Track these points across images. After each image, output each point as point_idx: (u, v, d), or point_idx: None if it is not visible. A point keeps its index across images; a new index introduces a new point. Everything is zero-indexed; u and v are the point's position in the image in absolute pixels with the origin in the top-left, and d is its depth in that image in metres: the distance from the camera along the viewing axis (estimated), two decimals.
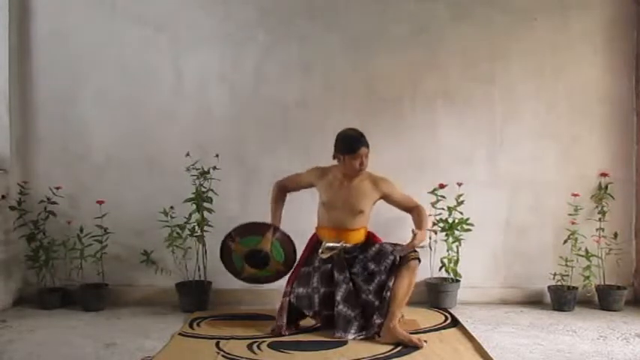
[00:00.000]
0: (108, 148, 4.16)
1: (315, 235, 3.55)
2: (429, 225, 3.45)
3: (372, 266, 3.33)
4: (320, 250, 3.37)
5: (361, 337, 3.19)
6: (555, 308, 3.89)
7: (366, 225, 3.52)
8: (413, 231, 3.25)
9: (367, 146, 3.37)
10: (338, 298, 3.28)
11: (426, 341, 3.11)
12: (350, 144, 3.34)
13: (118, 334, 3.37)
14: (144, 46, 4.15)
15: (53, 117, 4.17)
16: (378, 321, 3.20)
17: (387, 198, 3.47)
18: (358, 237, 3.45)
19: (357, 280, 3.32)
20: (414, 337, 3.10)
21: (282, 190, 3.60)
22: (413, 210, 3.46)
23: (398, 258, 3.26)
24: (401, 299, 3.19)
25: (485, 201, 4.07)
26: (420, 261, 3.31)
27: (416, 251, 3.28)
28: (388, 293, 3.21)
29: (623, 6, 4.11)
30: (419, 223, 3.37)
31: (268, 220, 3.54)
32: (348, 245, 3.39)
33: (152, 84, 4.15)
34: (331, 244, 3.36)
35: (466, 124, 4.13)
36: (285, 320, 3.28)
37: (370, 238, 3.52)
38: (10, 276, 4.02)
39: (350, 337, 3.19)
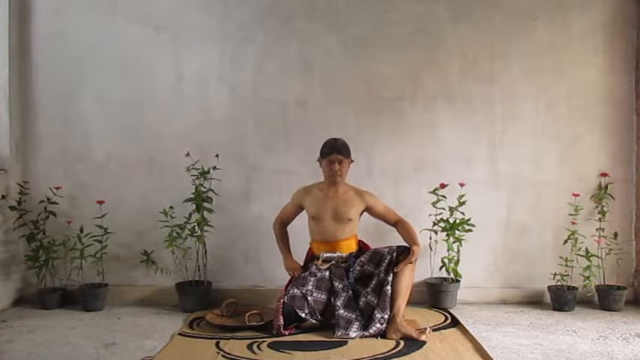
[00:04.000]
0: (108, 148, 4.16)
1: (310, 249, 3.64)
2: (419, 236, 3.53)
3: (369, 268, 3.43)
4: (319, 261, 3.50)
5: (364, 335, 3.22)
6: (555, 308, 3.89)
7: (355, 234, 3.61)
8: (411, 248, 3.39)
9: (342, 154, 3.52)
10: (338, 303, 3.36)
11: (428, 330, 3.24)
12: (326, 148, 3.55)
13: (118, 334, 3.37)
14: (144, 46, 4.15)
15: (53, 117, 4.17)
16: (379, 315, 3.25)
17: (370, 210, 3.60)
18: (351, 246, 3.56)
19: (356, 287, 3.43)
20: (420, 332, 3.20)
21: (281, 226, 3.74)
22: (397, 223, 3.59)
23: (395, 256, 3.37)
24: (405, 293, 3.32)
25: (485, 201, 4.07)
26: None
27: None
28: (388, 287, 3.30)
29: (623, 6, 4.11)
30: (409, 237, 3.49)
31: None
32: (343, 255, 3.51)
33: (152, 84, 4.15)
34: (328, 255, 3.50)
35: (466, 124, 4.13)
36: (282, 321, 3.28)
37: (362, 247, 3.63)
38: (10, 276, 4.02)
39: (352, 335, 3.21)
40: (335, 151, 3.51)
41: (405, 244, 3.50)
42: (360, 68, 4.13)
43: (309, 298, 3.34)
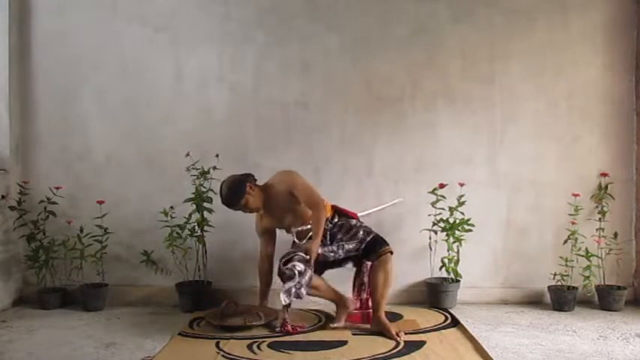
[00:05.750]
0: (108, 148, 4.16)
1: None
2: (320, 231, 3.31)
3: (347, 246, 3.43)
4: (294, 239, 3.45)
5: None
6: (555, 308, 3.89)
7: (317, 204, 3.42)
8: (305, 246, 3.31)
9: (233, 204, 3.40)
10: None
11: (402, 334, 3.20)
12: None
13: (118, 334, 3.37)
14: (144, 46, 4.15)
15: (53, 117, 4.16)
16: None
17: (293, 193, 3.42)
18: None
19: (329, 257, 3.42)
20: (397, 332, 3.20)
21: (262, 261, 3.66)
22: (312, 209, 3.39)
23: (361, 251, 3.40)
24: (380, 288, 3.31)
25: (485, 201, 4.07)
26: (392, 253, 3.38)
27: (387, 244, 3.38)
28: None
29: (623, 6, 4.11)
30: (313, 224, 3.33)
31: None
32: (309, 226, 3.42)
33: (152, 84, 4.15)
34: (298, 230, 3.43)
35: (466, 124, 4.13)
36: (287, 314, 3.32)
37: (340, 212, 3.55)
38: (10, 276, 4.02)
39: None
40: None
41: (375, 245, 3.41)
42: (360, 68, 4.13)
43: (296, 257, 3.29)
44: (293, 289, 3.20)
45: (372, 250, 3.37)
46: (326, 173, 4.11)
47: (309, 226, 3.41)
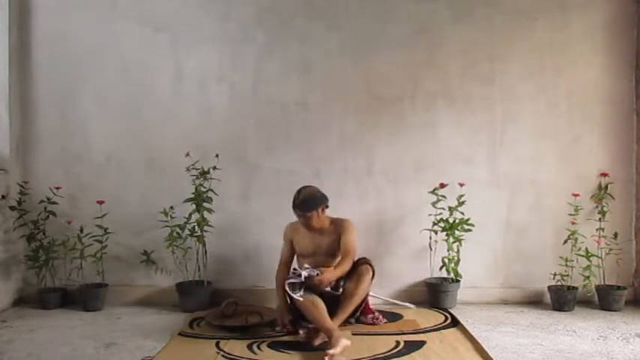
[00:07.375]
0: (108, 148, 4.16)
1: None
2: (339, 274, 3.37)
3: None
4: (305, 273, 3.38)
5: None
6: (555, 308, 3.89)
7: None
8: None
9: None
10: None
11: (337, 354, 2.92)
12: (292, 206, 3.49)
13: (118, 334, 3.37)
14: (144, 46, 4.15)
15: (53, 117, 4.16)
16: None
17: (340, 235, 3.51)
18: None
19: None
20: (331, 355, 2.88)
21: (284, 272, 3.55)
22: (342, 257, 3.45)
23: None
24: (348, 303, 3.34)
25: (486, 201, 4.07)
26: (372, 268, 3.42)
27: (366, 259, 3.47)
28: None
29: (623, 6, 4.11)
30: (337, 265, 3.42)
31: None
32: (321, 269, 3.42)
33: (152, 84, 4.15)
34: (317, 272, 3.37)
35: (466, 124, 4.13)
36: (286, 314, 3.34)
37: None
38: (10, 276, 4.02)
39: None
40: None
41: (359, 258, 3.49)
42: (360, 68, 4.13)
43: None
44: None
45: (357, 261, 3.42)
46: (326, 173, 4.11)
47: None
